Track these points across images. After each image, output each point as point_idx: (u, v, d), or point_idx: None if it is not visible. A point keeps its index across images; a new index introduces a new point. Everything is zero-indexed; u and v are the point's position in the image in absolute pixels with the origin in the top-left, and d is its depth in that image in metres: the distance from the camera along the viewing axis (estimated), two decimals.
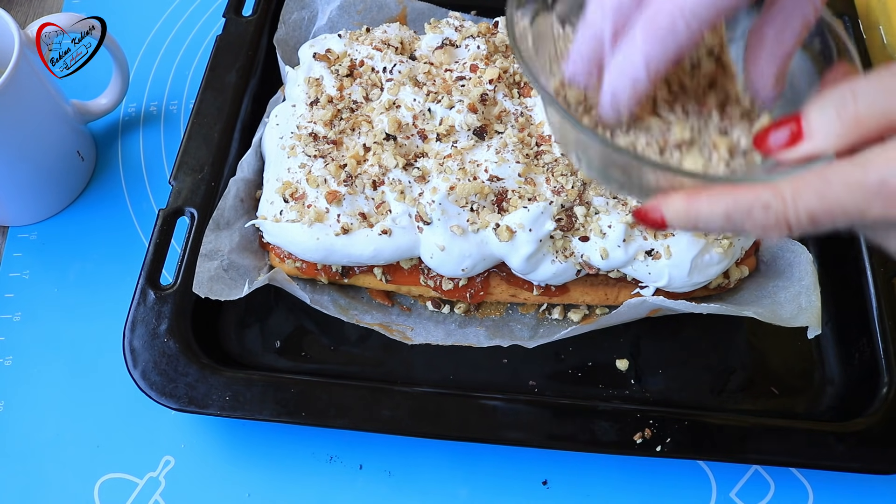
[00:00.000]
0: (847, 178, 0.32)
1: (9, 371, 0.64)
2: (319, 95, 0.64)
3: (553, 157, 0.60)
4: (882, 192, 0.32)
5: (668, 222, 0.37)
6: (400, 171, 0.59)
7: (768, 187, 0.34)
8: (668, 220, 0.37)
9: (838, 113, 0.33)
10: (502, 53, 0.66)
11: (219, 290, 0.58)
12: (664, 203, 0.37)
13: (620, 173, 0.40)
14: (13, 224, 0.72)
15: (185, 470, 0.60)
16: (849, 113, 0.33)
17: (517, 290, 0.62)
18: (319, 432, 0.59)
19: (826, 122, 0.34)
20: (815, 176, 0.33)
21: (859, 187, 0.32)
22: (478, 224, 0.58)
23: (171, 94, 0.81)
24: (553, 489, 0.59)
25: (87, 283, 0.68)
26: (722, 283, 0.61)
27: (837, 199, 0.33)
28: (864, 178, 0.32)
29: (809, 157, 0.34)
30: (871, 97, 0.33)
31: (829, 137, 0.34)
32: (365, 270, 0.62)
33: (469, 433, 0.56)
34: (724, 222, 0.35)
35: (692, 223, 0.36)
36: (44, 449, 0.61)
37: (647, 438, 0.55)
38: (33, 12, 0.87)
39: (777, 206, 0.34)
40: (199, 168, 0.66)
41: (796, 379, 0.63)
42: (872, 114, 0.33)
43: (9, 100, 0.61)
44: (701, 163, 0.39)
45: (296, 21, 0.74)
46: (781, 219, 0.34)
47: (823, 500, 0.59)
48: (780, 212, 0.34)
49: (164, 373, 0.57)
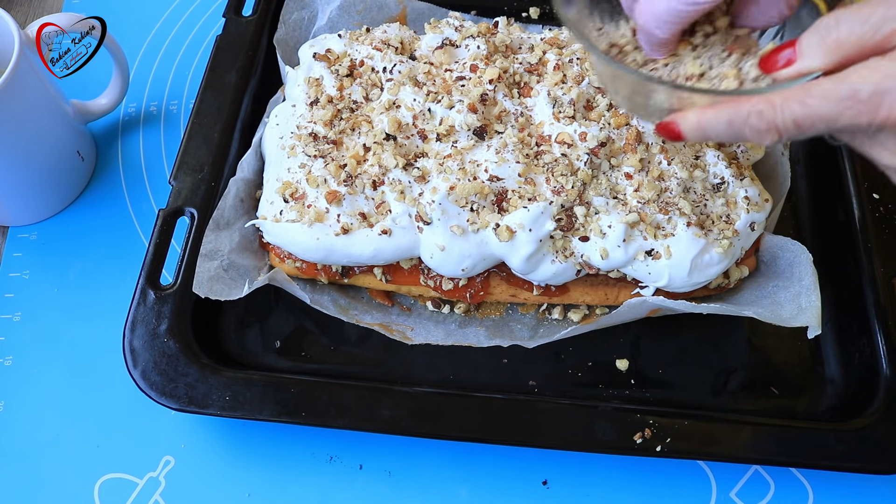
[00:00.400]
0: (824, 89, 0.39)
1: (9, 371, 0.64)
2: (319, 95, 0.64)
3: (553, 157, 0.60)
4: (850, 102, 0.38)
5: (684, 133, 0.45)
6: (400, 171, 0.59)
7: (762, 98, 0.41)
8: (683, 131, 0.45)
9: (822, 38, 0.40)
10: (502, 53, 0.66)
11: (219, 290, 0.58)
12: (680, 117, 0.45)
13: (643, 98, 0.48)
14: (13, 224, 0.72)
15: (185, 470, 0.60)
16: (831, 37, 0.40)
17: (517, 290, 0.62)
18: (319, 432, 0.59)
19: (814, 46, 0.41)
20: (799, 88, 0.40)
21: (834, 97, 0.39)
22: (478, 224, 0.58)
23: (171, 94, 0.81)
24: (553, 489, 0.59)
25: (87, 283, 0.68)
26: (722, 283, 0.61)
27: (816, 107, 0.39)
28: (836, 90, 0.39)
29: (800, 74, 0.42)
30: (850, 24, 0.39)
31: (815, 59, 0.41)
32: (365, 270, 0.62)
33: (469, 433, 0.56)
34: (727, 128, 0.42)
35: (702, 133, 0.44)
36: (44, 449, 0.61)
37: (647, 438, 0.55)
38: (33, 12, 0.87)
39: (768, 113, 0.40)
40: (199, 168, 0.66)
41: (796, 379, 0.63)
42: (850, 38, 0.39)
43: (9, 100, 0.61)
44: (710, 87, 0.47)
45: (296, 21, 0.74)
46: (772, 124, 0.41)
47: (823, 500, 0.59)
48: (770, 118, 0.40)
49: (164, 373, 0.57)
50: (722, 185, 0.60)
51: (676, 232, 0.58)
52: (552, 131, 0.61)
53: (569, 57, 0.65)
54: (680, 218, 0.58)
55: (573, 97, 0.61)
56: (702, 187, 0.60)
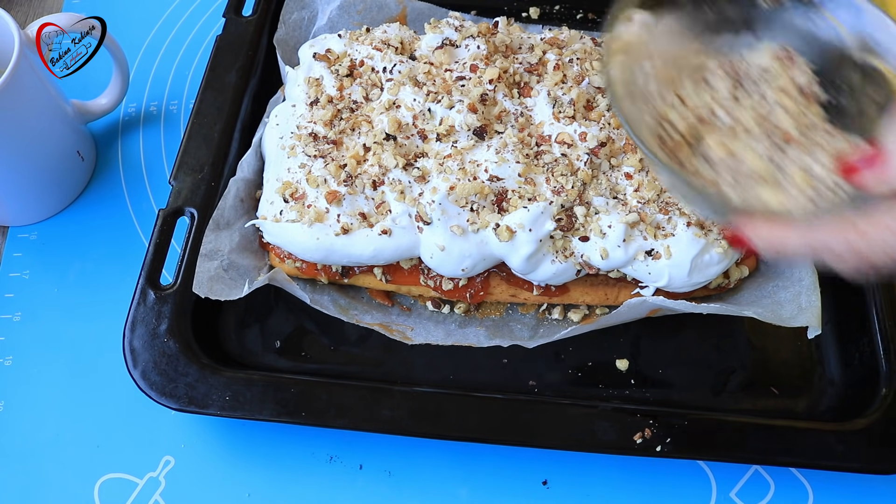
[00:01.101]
0: None
1: (9, 371, 0.64)
2: (319, 95, 0.64)
3: (553, 157, 0.60)
4: None
5: (756, 248, 0.39)
6: (400, 171, 0.59)
7: (849, 224, 0.34)
8: (754, 245, 0.39)
9: None
10: (502, 53, 0.66)
11: (219, 290, 0.58)
12: (751, 229, 0.38)
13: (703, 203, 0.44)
14: (13, 224, 0.72)
15: (185, 470, 0.60)
16: None
17: (517, 290, 0.62)
18: (319, 432, 0.59)
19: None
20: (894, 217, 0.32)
21: None
22: (478, 224, 0.58)
23: (171, 94, 0.81)
24: (553, 489, 0.59)
25: (87, 283, 0.68)
26: (722, 283, 0.61)
27: None
28: None
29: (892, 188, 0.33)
30: None
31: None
32: (365, 270, 0.62)
33: (469, 433, 0.56)
34: (807, 251, 0.36)
35: (777, 250, 0.38)
36: (44, 449, 0.61)
37: (647, 438, 0.55)
38: (33, 12, 0.87)
39: (857, 243, 0.34)
40: (199, 168, 0.66)
41: (796, 379, 0.63)
42: None
43: (9, 100, 0.61)
44: (779, 199, 0.41)
45: (296, 21, 0.74)
46: (862, 257, 0.34)
47: (823, 500, 0.59)
48: (859, 249, 0.34)
49: (164, 373, 0.57)
50: None
51: (676, 232, 0.58)
52: (552, 131, 0.61)
53: (569, 57, 0.65)
54: (680, 218, 0.58)
55: (573, 97, 0.61)
56: None
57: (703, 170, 0.44)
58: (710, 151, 0.44)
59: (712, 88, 0.47)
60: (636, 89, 0.46)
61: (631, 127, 0.42)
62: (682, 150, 0.45)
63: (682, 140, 0.45)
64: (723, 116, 0.46)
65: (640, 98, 0.46)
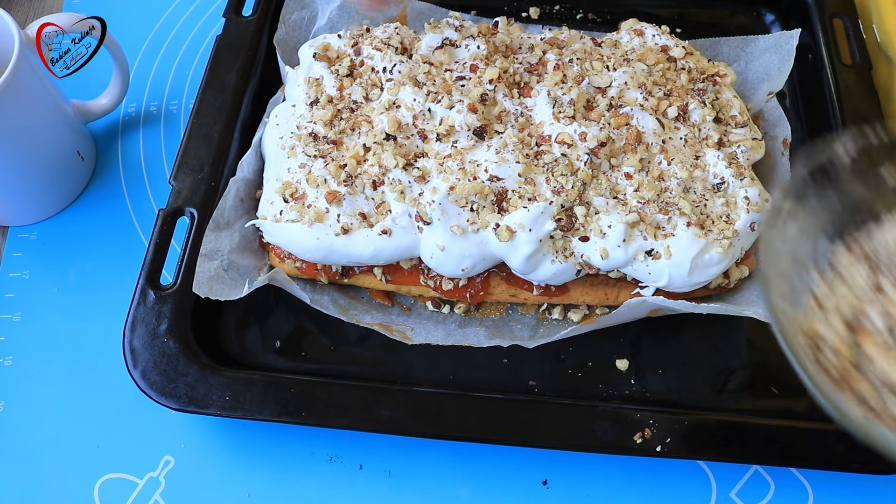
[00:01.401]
0: None
1: (9, 371, 0.64)
2: (319, 95, 0.64)
3: (553, 157, 0.60)
4: None
5: None
6: (400, 171, 0.59)
7: None
8: None
9: None
10: (502, 53, 0.66)
11: (219, 290, 0.58)
12: None
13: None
14: (13, 224, 0.72)
15: (185, 470, 0.60)
16: None
17: (517, 290, 0.62)
18: (319, 432, 0.59)
19: None
20: None
21: None
22: (478, 224, 0.58)
23: (171, 94, 0.81)
24: (553, 489, 0.59)
25: (87, 283, 0.68)
26: (722, 283, 0.61)
27: None
28: None
29: None
30: None
31: None
32: (365, 270, 0.62)
33: (469, 433, 0.56)
34: None
35: None
36: (44, 449, 0.61)
37: (647, 438, 0.55)
38: (33, 12, 0.87)
39: None
40: (199, 168, 0.66)
41: (796, 379, 0.62)
42: None
43: (9, 100, 0.61)
44: None
45: (296, 21, 0.74)
46: None
47: (823, 500, 0.59)
48: None
49: (164, 373, 0.57)
50: (722, 185, 0.60)
51: (676, 232, 0.58)
52: (552, 131, 0.61)
53: (569, 57, 0.65)
54: (680, 218, 0.58)
55: (573, 97, 0.61)
56: (702, 187, 0.60)
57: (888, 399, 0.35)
58: (874, 367, 0.36)
59: (845, 278, 0.39)
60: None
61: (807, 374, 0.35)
62: (851, 375, 0.37)
63: (846, 360, 0.36)
64: (875, 318, 0.38)
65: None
